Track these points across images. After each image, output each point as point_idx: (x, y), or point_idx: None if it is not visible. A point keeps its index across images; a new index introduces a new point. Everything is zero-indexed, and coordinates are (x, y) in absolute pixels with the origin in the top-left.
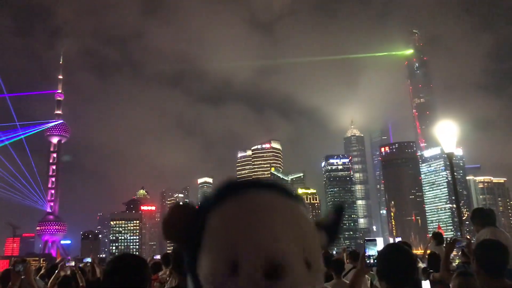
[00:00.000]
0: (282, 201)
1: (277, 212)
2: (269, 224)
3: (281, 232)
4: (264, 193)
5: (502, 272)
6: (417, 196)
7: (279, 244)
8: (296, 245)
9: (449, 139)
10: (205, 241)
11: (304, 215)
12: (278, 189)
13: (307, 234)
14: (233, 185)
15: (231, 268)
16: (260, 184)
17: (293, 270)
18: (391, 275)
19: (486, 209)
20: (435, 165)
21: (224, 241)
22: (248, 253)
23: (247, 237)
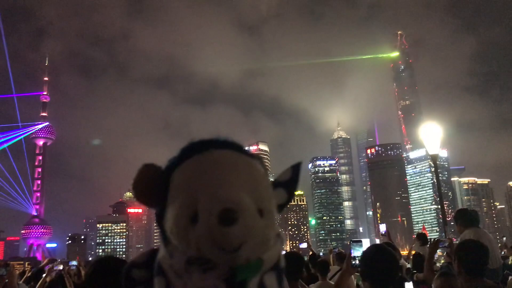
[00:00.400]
0: (238, 157)
1: (233, 166)
2: (225, 176)
3: (235, 183)
4: (222, 151)
5: (482, 271)
6: (402, 198)
7: (233, 192)
8: (249, 194)
9: (433, 141)
10: (169, 197)
11: (259, 170)
12: (236, 147)
13: (260, 186)
14: (194, 145)
15: (192, 218)
16: (219, 142)
17: (245, 215)
18: (374, 276)
19: (470, 210)
20: (421, 167)
21: (185, 194)
22: (205, 202)
23: (204, 189)
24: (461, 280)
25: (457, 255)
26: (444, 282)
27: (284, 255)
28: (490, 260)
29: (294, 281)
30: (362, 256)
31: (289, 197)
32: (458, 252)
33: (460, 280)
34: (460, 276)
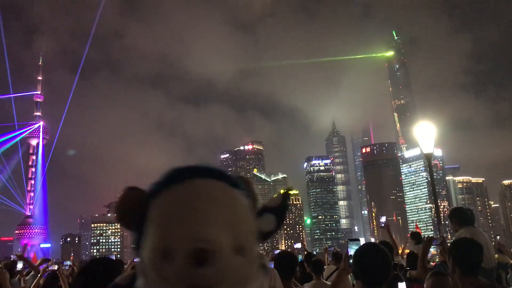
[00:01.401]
0: (220, 189)
1: (212, 199)
2: (202, 211)
3: (212, 219)
4: (201, 181)
5: (476, 269)
6: (397, 197)
7: (208, 230)
8: (227, 231)
9: (427, 140)
10: (146, 228)
11: (241, 202)
12: (219, 176)
13: (242, 221)
14: (175, 172)
15: (165, 254)
16: (202, 170)
17: (220, 255)
18: (367, 275)
19: (465, 208)
20: (415, 166)
21: (160, 228)
22: (178, 240)
23: (178, 225)
24: (455, 278)
25: (451, 253)
26: (435, 281)
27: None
28: (485, 260)
29: (288, 280)
30: (355, 254)
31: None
32: (453, 250)
33: (454, 278)
34: (454, 274)
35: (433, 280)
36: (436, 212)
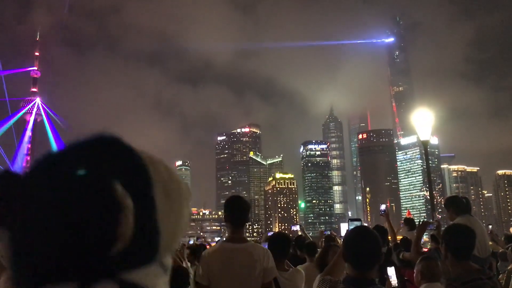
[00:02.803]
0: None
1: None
2: None
3: None
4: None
5: (468, 255)
6: (392, 183)
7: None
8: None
9: (425, 127)
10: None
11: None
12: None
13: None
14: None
15: None
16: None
17: None
18: (356, 258)
19: (461, 197)
20: (411, 153)
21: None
22: None
23: None
24: (447, 263)
25: (444, 238)
26: (425, 265)
27: (271, 236)
28: (480, 248)
29: (281, 261)
30: (344, 237)
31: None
32: (445, 236)
33: (446, 264)
34: (446, 260)
35: (423, 264)
36: (430, 199)
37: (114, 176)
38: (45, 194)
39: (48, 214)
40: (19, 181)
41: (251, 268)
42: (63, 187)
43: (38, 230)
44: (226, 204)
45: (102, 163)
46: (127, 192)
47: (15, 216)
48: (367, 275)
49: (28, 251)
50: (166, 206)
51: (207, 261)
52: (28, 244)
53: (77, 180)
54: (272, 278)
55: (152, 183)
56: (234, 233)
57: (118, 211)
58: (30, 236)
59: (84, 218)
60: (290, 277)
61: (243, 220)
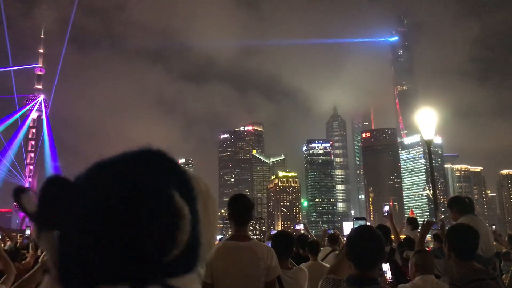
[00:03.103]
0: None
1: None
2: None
3: None
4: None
5: (471, 255)
6: (395, 182)
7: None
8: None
9: (428, 126)
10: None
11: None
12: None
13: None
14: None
15: None
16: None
17: None
18: (358, 258)
19: (464, 197)
20: (414, 152)
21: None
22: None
23: None
24: (451, 263)
25: (448, 238)
26: (420, 258)
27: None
28: (484, 248)
29: (284, 259)
30: (347, 236)
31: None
32: (449, 235)
33: (449, 263)
34: (450, 259)
35: (417, 257)
36: (434, 198)
37: (170, 185)
38: (107, 201)
39: (109, 220)
40: (72, 185)
41: (254, 266)
42: (126, 195)
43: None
44: (229, 202)
45: (160, 174)
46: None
47: (70, 220)
48: (370, 274)
49: (84, 254)
50: (205, 219)
51: (211, 259)
52: (84, 247)
53: (139, 189)
54: (276, 276)
55: (197, 196)
56: (238, 231)
57: (179, 219)
58: (88, 240)
59: (146, 225)
60: (293, 276)
61: (246, 218)
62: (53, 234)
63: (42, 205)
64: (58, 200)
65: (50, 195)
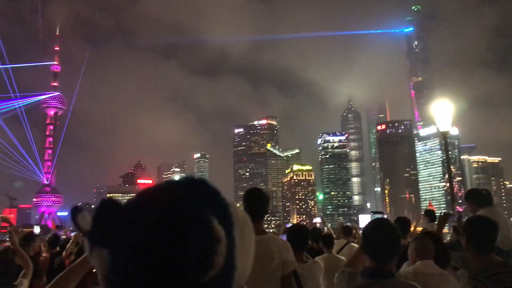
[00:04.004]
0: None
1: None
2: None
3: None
4: None
5: (490, 248)
6: (411, 174)
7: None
8: None
9: (444, 118)
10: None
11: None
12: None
13: None
14: None
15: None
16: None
17: None
18: (373, 250)
19: (482, 189)
20: (431, 144)
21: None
22: None
23: None
24: (469, 256)
25: (465, 230)
26: (419, 243)
27: (290, 227)
28: (504, 241)
29: (300, 252)
30: (363, 230)
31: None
32: (467, 228)
33: (467, 256)
34: (468, 252)
35: (417, 242)
36: (451, 190)
37: (210, 212)
38: (153, 224)
39: (154, 241)
40: (123, 207)
41: (270, 260)
42: (171, 216)
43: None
44: (245, 196)
45: (201, 201)
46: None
47: (119, 240)
48: (386, 267)
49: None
50: (241, 245)
51: None
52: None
53: (182, 214)
54: (292, 270)
55: (233, 223)
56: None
57: (216, 242)
58: (135, 259)
59: (187, 247)
60: (309, 269)
61: (262, 212)
62: (104, 251)
63: (95, 225)
64: (110, 221)
65: (103, 216)
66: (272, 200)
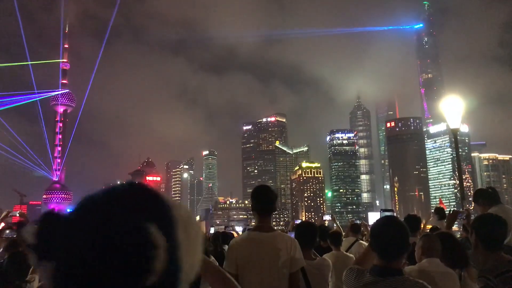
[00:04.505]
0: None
1: None
2: None
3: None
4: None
5: (499, 245)
6: (421, 172)
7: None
8: None
9: (454, 115)
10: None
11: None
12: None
13: None
14: None
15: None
16: None
17: None
18: (381, 248)
19: (488, 187)
20: (440, 141)
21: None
22: None
23: None
24: (478, 253)
25: (474, 228)
26: (426, 241)
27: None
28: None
29: (308, 249)
30: (372, 228)
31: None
32: (475, 225)
33: (476, 254)
34: (477, 250)
35: (424, 240)
36: (460, 188)
37: (147, 218)
38: (90, 234)
39: (92, 251)
40: (64, 221)
41: (278, 257)
42: (105, 229)
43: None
44: (253, 193)
45: (139, 209)
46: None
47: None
48: (394, 264)
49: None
50: (186, 244)
51: (235, 249)
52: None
53: (117, 224)
54: (300, 267)
55: (176, 224)
56: (261, 222)
57: (153, 248)
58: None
59: (124, 255)
60: (317, 266)
61: (270, 209)
62: (48, 264)
63: (39, 238)
64: (52, 234)
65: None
66: (280, 197)
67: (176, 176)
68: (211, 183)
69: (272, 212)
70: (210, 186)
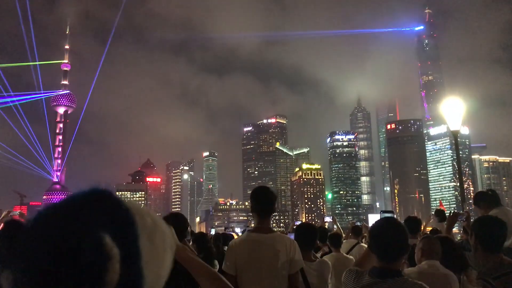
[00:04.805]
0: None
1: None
2: None
3: None
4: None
5: (499, 247)
6: (421, 174)
7: None
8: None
9: (455, 117)
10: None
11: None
12: None
13: None
14: None
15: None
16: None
17: None
18: (380, 249)
19: (488, 190)
20: (441, 143)
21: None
22: None
23: None
24: (477, 255)
25: (474, 230)
26: (426, 243)
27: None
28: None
29: (307, 251)
30: (371, 229)
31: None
32: (475, 227)
33: (476, 256)
34: (476, 252)
35: (424, 242)
36: (461, 190)
37: (103, 228)
38: (42, 244)
39: (43, 262)
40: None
41: (277, 259)
42: (58, 239)
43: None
44: (252, 194)
45: (95, 218)
46: (115, 243)
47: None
48: (393, 266)
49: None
50: (151, 252)
51: (234, 251)
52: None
53: (70, 233)
54: (299, 269)
55: (137, 233)
56: (260, 223)
57: (106, 260)
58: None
59: (76, 267)
60: (317, 268)
61: (269, 210)
62: (7, 273)
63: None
64: (11, 243)
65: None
66: (280, 199)
67: (176, 177)
68: (211, 185)
69: (271, 213)
70: (210, 188)
